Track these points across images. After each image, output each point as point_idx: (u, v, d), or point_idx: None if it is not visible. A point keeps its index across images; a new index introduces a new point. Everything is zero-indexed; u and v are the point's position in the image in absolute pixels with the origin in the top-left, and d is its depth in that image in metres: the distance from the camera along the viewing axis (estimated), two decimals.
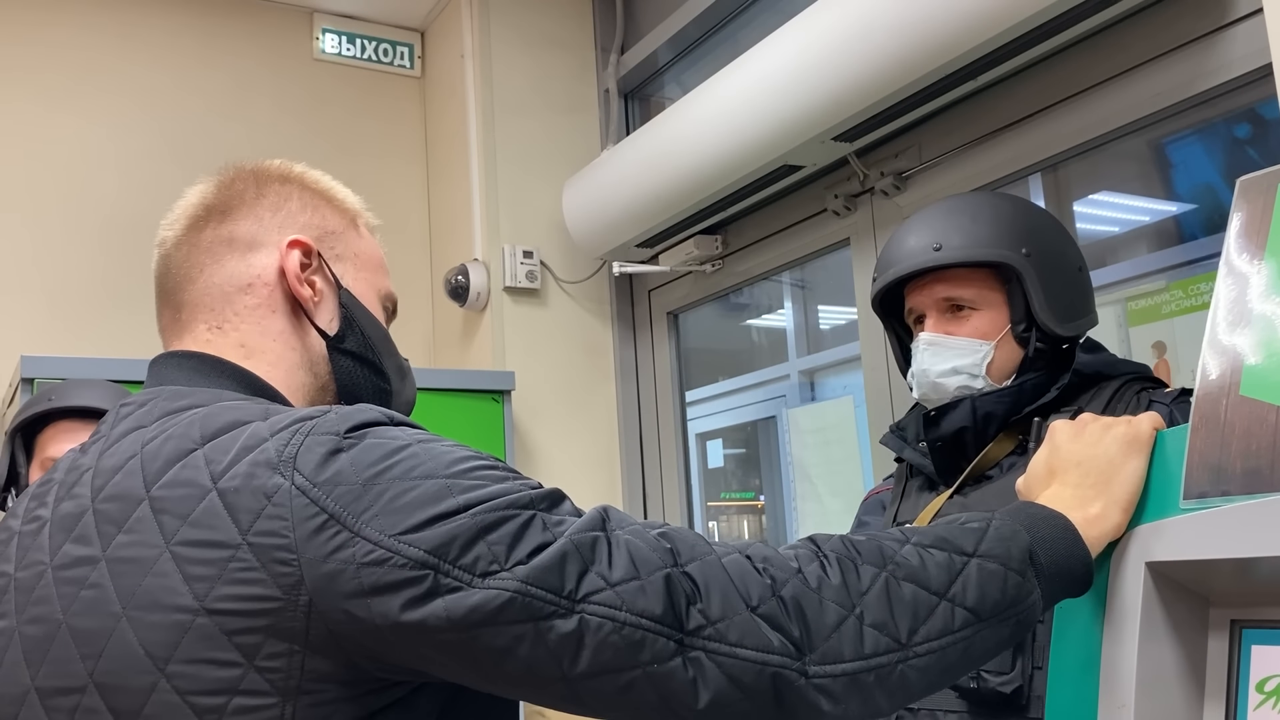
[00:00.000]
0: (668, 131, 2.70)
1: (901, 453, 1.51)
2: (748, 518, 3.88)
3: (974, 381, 1.39)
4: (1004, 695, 1.25)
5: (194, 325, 0.95)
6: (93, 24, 3.16)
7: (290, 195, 0.99)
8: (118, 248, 3.05)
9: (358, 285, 1.01)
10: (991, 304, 1.41)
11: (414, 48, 3.63)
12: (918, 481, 1.50)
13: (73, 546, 0.81)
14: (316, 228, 0.99)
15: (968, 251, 1.39)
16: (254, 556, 0.74)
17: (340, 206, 1.03)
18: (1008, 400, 1.37)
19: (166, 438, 0.83)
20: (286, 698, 0.73)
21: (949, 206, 1.46)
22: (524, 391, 3.07)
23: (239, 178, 0.99)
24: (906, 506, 1.48)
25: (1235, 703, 0.89)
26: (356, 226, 1.03)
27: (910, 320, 1.48)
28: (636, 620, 0.73)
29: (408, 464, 0.76)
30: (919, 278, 1.43)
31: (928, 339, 1.41)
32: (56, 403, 1.79)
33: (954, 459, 1.41)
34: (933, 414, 1.42)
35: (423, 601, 0.72)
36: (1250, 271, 0.94)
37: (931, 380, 1.41)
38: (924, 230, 1.43)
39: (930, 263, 1.39)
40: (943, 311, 1.42)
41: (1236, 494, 0.87)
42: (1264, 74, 1.62)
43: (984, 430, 1.38)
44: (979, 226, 1.40)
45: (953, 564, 0.82)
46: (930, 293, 1.42)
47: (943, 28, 1.94)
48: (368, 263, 1.03)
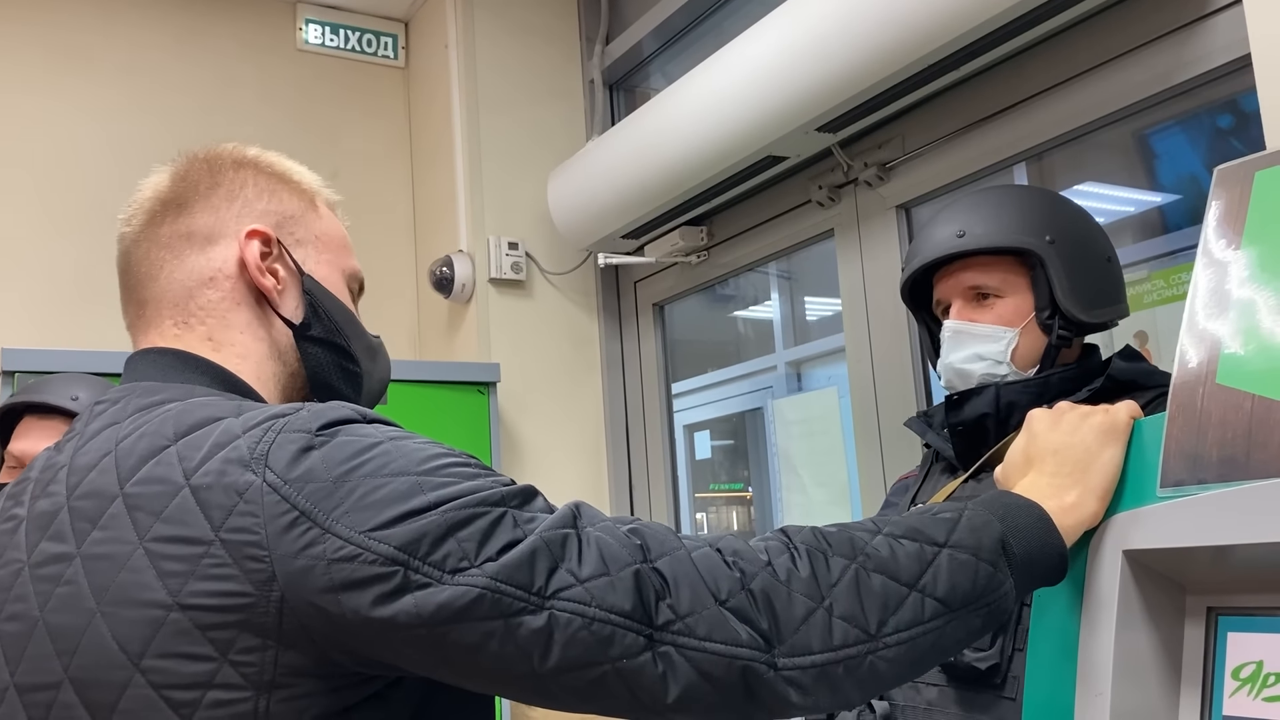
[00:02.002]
0: (652, 122, 2.69)
1: (924, 436, 1.53)
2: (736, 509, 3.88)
3: (998, 368, 1.40)
4: (979, 671, 1.28)
5: (160, 322, 0.95)
6: (73, 14, 3.14)
7: (245, 182, 0.98)
8: (100, 240, 3.01)
9: (320, 268, 1.00)
10: (1016, 291, 1.42)
11: (398, 38, 3.61)
12: (940, 465, 1.53)
13: (49, 544, 0.82)
14: (275, 214, 0.98)
15: (990, 238, 1.41)
16: (226, 553, 0.74)
17: (297, 188, 1.01)
18: (1033, 391, 1.37)
19: (140, 435, 0.83)
20: (261, 691, 0.74)
21: (976, 197, 1.49)
22: (510, 383, 3.07)
23: (192, 168, 0.98)
24: (928, 488, 1.51)
25: (1211, 690, 0.89)
26: (315, 207, 1.02)
27: (939, 311, 1.49)
28: (606, 616, 0.73)
29: (379, 461, 0.77)
30: (946, 267, 1.45)
31: (952, 327, 1.43)
32: (19, 398, 1.78)
33: (974, 445, 1.42)
34: (955, 398, 1.43)
35: (393, 598, 0.72)
36: (1228, 260, 0.94)
37: (955, 367, 1.42)
38: (950, 220, 1.45)
39: (954, 249, 1.42)
40: (968, 299, 1.44)
41: (1213, 482, 0.87)
42: (1243, 64, 1.62)
43: (1006, 418, 1.38)
44: (1003, 214, 1.43)
45: (923, 554, 0.82)
46: (956, 281, 1.44)
47: (926, 17, 1.94)
48: (330, 243, 1.02)
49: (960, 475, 1.42)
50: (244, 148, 1.02)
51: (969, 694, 1.31)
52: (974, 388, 1.41)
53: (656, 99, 2.72)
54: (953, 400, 1.43)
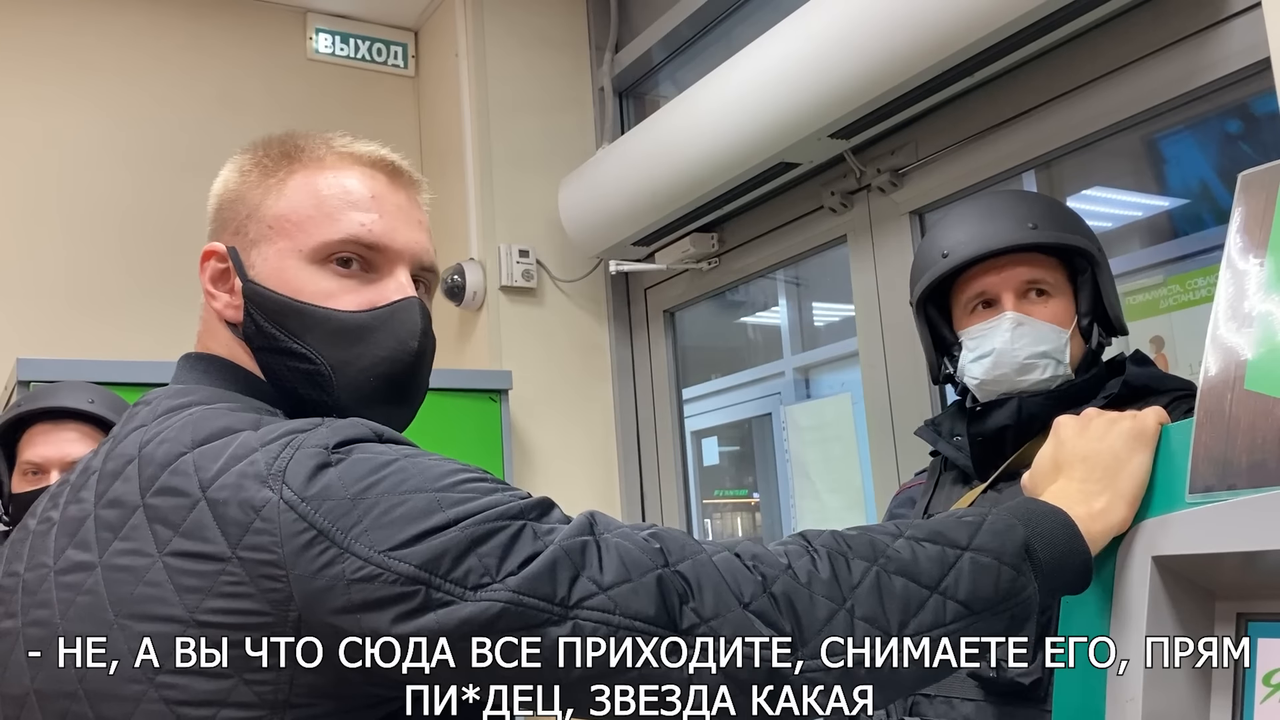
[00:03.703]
0: (663, 129, 2.70)
1: (935, 445, 1.51)
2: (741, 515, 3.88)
3: (1059, 369, 1.37)
4: (1022, 686, 1.25)
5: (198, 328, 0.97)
6: (84, 23, 3.15)
7: (228, 189, 0.97)
8: (113, 249, 3.05)
9: (269, 261, 0.91)
10: (1064, 293, 1.41)
11: (408, 47, 3.62)
12: (951, 475, 1.50)
13: (74, 551, 0.82)
14: (234, 220, 0.94)
15: (1059, 235, 1.38)
16: (243, 571, 0.74)
17: (267, 172, 0.94)
18: (1053, 402, 1.36)
19: (160, 440, 0.83)
20: (275, 711, 0.73)
21: (1018, 194, 1.47)
22: (521, 390, 3.07)
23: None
24: (939, 499, 1.48)
25: (1242, 696, 0.89)
26: (283, 183, 0.93)
27: (967, 307, 1.43)
28: (630, 623, 0.73)
29: (396, 478, 0.76)
30: (993, 260, 1.39)
31: (1015, 318, 1.37)
32: (26, 406, 1.78)
33: (992, 455, 1.40)
34: (979, 409, 1.41)
35: (414, 616, 0.71)
36: (1251, 267, 0.94)
37: (1021, 361, 1.36)
38: (1001, 214, 1.41)
39: (1027, 239, 1.37)
40: (1022, 295, 1.39)
41: (1242, 488, 0.87)
42: (1262, 68, 1.62)
43: (1025, 429, 1.37)
44: (1055, 214, 1.41)
45: (945, 557, 0.82)
46: (1013, 274, 1.39)
47: (938, 24, 1.94)
48: (289, 223, 0.92)
49: (976, 485, 1.41)
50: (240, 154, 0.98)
51: (1008, 709, 1.27)
52: (994, 400, 1.39)
53: (667, 106, 2.73)
54: (975, 411, 1.41)
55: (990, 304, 1.41)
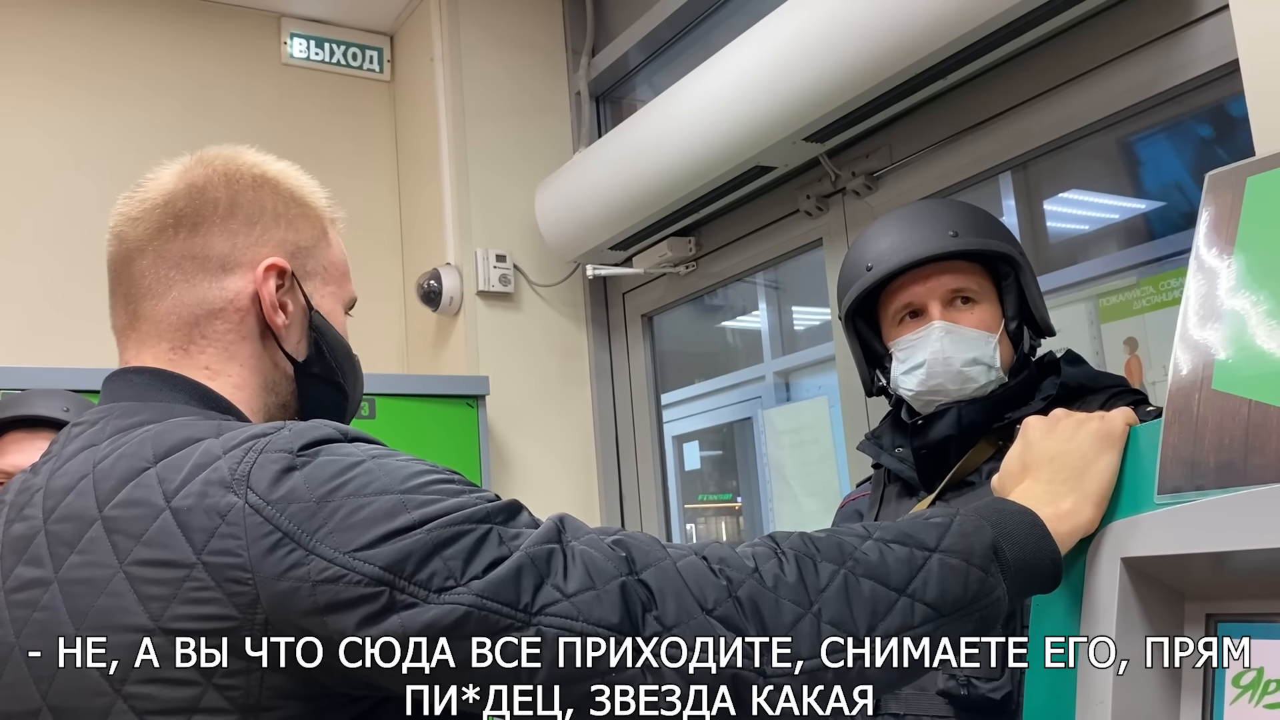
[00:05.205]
0: (640, 133, 2.69)
1: (879, 458, 1.50)
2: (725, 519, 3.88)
3: (991, 374, 1.38)
4: (994, 701, 1.23)
5: (156, 342, 0.93)
6: (56, 27, 3.12)
7: (264, 206, 0.95)
8: (82, 255, 3.01)
9: (325, 301, 0.99)
10: (990, 298, 1.42)
11: (383, 51, 3.60)
12: (896, 487, 1.49)
13: (25, 569, 0.81)
14: (290, 244, 0.96)
15: (984, 241, 1.39)
16: (209, 576, 0.73)
17: (313, 214, 1.00)
18: (990, 408, 1.37)
19: (119, 456, 0.82)
20: (247, 715, 0.73)
21: (939, 203, 1.49)
22: (499, 396, 3.05)
23: (210, 182, 0.95)
24: (887, 513, 1.47)
25: (1212, 697, 0.89)
26: (327, 235, 1.01)
27: (895, 318, 1.44)
28: (593, 630, 0.73)
29: (362, 480, 0.76)
30: (917, 270, 1.40)
31: (943, 326, 1.38)
32: (6, 414, 1.75)
33: (936, 465, 1.41)
34: (920, 423, 1.41)
35: (379, 618, 0.71)
36: (1220, 266, 0.94)
37: (956, 369, 1.37)
38: (922, 224, 1.42)
39: (949, 248, 1.38)
40: (948, 303, 1.40)
41: (1210, 488, 0.87)
42: (1230, 70, 1.63)
43: (966, 438, 1.38)
44: (977, 221, 1.42)
45: (914, 559, 0.82)
46: (937, 283, 1.40)
47: (912, 27, 1.94)
48: (335, 274, 1.01)
49: (924, 496, 1.42)
50: (264, 164, 0.98)
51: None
52: (934, 412, 1.39)
53: (644, 110, 2.72)
54: (917, 424, 1.41)
55: (917, 314, 1.41)
